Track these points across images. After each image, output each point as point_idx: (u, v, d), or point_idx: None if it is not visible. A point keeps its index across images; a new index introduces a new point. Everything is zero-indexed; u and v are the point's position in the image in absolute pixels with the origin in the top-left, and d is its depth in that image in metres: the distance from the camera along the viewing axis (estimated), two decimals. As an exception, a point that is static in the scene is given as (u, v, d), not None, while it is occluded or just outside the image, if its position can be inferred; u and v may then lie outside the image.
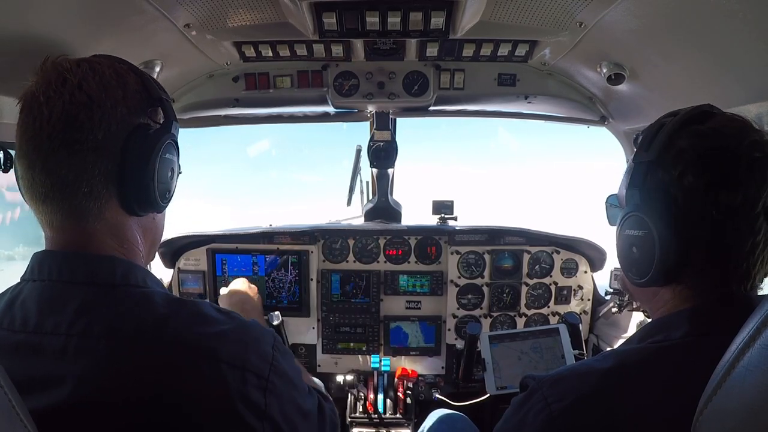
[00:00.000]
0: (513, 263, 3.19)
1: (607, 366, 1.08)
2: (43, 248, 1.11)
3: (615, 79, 2.15)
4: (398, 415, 2.96)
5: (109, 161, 1.07)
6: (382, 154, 3.01)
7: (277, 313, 2.60)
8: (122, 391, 0.95)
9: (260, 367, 1.07)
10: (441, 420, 2.50)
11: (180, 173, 1.29)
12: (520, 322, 3.22)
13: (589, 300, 3.23)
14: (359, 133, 3.35)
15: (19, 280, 1.09)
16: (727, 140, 1.05)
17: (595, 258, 3.20)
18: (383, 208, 3.39)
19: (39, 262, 1.07)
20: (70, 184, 1.04)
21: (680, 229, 1.07)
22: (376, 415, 2.94)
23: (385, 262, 3.22)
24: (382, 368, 3.01)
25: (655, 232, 1.09)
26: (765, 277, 1.10)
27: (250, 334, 1.10)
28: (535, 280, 3.20)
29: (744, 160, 1.02)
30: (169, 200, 1.24)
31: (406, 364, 3.22)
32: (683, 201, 1.07)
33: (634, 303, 2.74)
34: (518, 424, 1.14)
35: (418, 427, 2.64)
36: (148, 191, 1.13)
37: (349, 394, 3.07)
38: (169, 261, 3.24)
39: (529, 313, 3.21)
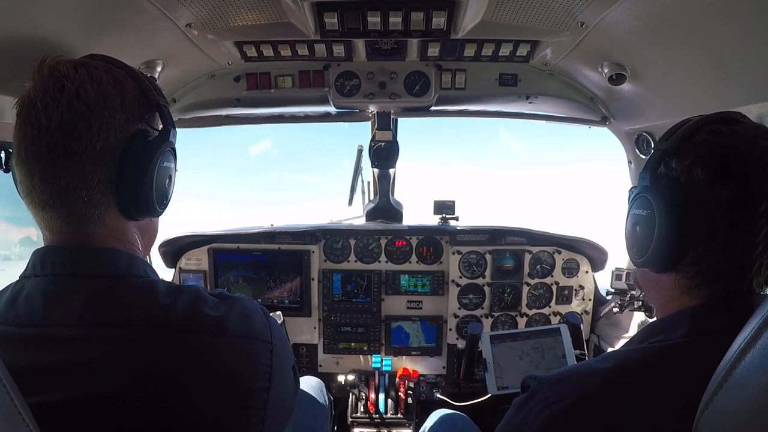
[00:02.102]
0: (514, 263, 3.19)
1: (608, 366, 1.09)
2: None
3: (616, 79, 2.15)
4: (399, 415, 2.96)
5: (108, 169, 1.07)
6: (384, 154, 3.01)
7: (278, 313, 2.60)
8: (138, 378, 0.97)
9: (264, 332, 1.14)
10: (442, 420, 2.50)
11: (176, 170, 1.29)
12: (522, 322, 3.23)
13: (590, 300, 3.23)
14: (360, 133, 3.36)
15: (18, 278, 1.08)
16: (742, 140, 1.07)
17: (596, 258, 3.20)
18: (384, 208, 3.39)
19: (41, 257, 1.07)
20: (69, 193, 1.04)
21: (682, 217, 1.09)
22: (377, 415, 2.94)
23: (387, 261, 3.23)
24: (384, 368, 3.01)
25: (657, 214, 1.12)
26: (765, 282, 1.09)
27: (247, 307, 1.16)
28: (537, 280, 3.20)
29: (754, 160, 1.04)
30: (167, 206, 1.25)
31: (408, 363, 3.23)
32: (689, 191, 1.09)
33: (635, 303, 2.74)
34: (519, 424, 1.15)
35: (419, 427, 2.64)
36: (147, 198, 1.14)
37: (351, 394, 3.07)
38: (171, 261, 3.25)
39: (531, 313, 3.22)
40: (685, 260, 1.12)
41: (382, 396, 2.98)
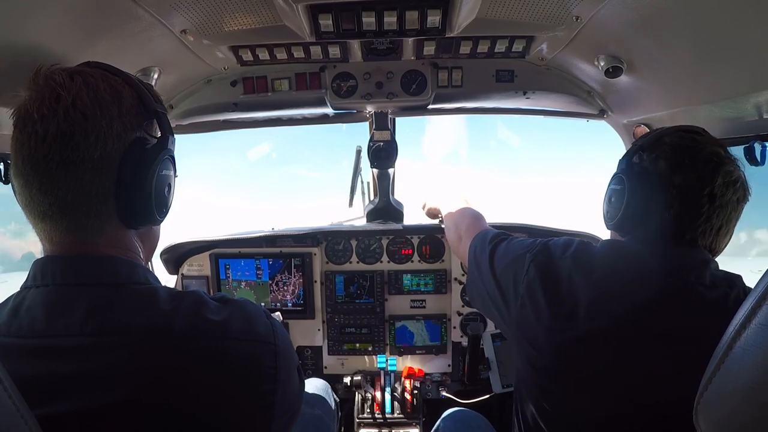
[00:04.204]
0: (516, 259, 3.18)
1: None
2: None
3: (613, 72, 2.14)
4: (406, 415, 2.96)
5: (107, 179, 1.06)
6: (382, 154, 3.01)
7: (278, 314, 2.59)
8: (142, 386, 0.97)
9: (267, 334, 1.14)
10: (455, 418, 2.50)
11: (177, 176, 1.28)
12: (525, 318, 3.21)
13: None
14: (359, 133, 3.36)
15: (19, 288, 1.08)
16: (696, 144, 1.43)
17: (598, 252, 3.19)
18: (385, 209, 3.39)
19: (41, 267, 1.06)
20: (68, 204, 1.04)
21: (645, 193, 1.46)
22: (384, 416, 2.94)
23: (389, 261, 3.23)
24: (389, 368, 3.01)
25: (627, 189, 1.49)
26: (713, 245, 1.47)
27: (249, 310, 1.16)
28: (539, 275, 3.18)
29: (701, 158, 1.40)
30: (167, 213, 1.24)
31: (413, 363, 3.23)
32: (653, 175, 1.45)
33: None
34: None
35: (426, 426, 2.64)
36: (146, 207, 1.13)
37: (357, 395, 3.07)
38: (173, 267, 3.25)
39: None
40: (644, 225, 1.49)
41: (388, 396, 2.98)
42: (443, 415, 2.57)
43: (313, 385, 2.70)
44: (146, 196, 1.11)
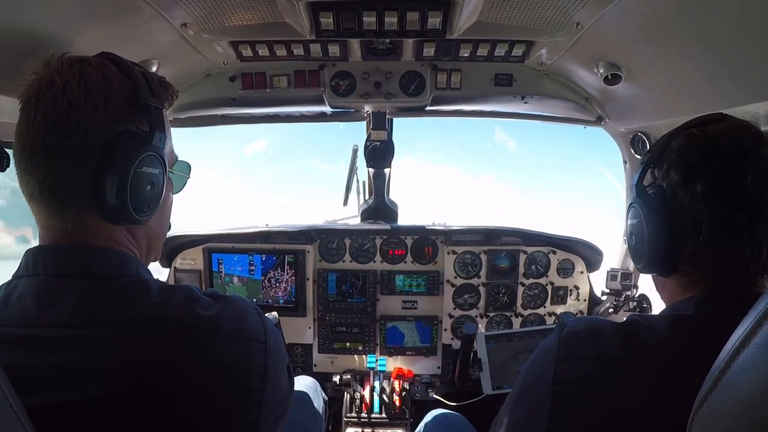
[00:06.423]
0: (509, 263, 3.19)
1: (619, 321, 1.17)
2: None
3: (612, 79, 2.15)
4: (394, 415, 2.95)
5: (83, 170, 1.05)
6: (379, 154, 3.00)
7: (274, 314, 2.59)
8: (131, 379, 0.96)
9: (258, 332, 1.13)
10: (438, 420, 2.50)
11: (167, 174, 1.23)
12: (516, 322, 3.24)
13: (585, 300, 3.24)
14: (357, 131, 3.36)
15: (11, 278, 1.08)
16: (710, 139, 1.14)
17: (591, 258, 3.21)
18: (379, 208, 3.39)
19: (33, 257, 1.06)
20: (48, 188, 1.05)
21: (666, 218, 1.17)
22: (372, 415, 2.94)
23: (382, 261, 3.23)
24: (378, 368, 3.01)
25: (645, 220, 1.21)
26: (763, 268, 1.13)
27: (240, 307, 1.15)
28: (532, 280, 3.21)
29: (720, 154, 1.10)
30: (149, 214, 1.18)
31: (402, 364, 3.23)
32: (669, 193, 1.17)
33: (630, 303, 2.75)
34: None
35: (414, 427, 2.64)
36: (122, 204, 1.09)
37: (345, 394, 3.07)
38: (166, 260, 3.24)
39: (526, 313, 3.22)
40: (682, 261, 1.18)
41: (377, 396, 2.98)
42: (425, 417, 2.58)
43: (303, 383, 2.70)
44: (120, 192, 1.08)
